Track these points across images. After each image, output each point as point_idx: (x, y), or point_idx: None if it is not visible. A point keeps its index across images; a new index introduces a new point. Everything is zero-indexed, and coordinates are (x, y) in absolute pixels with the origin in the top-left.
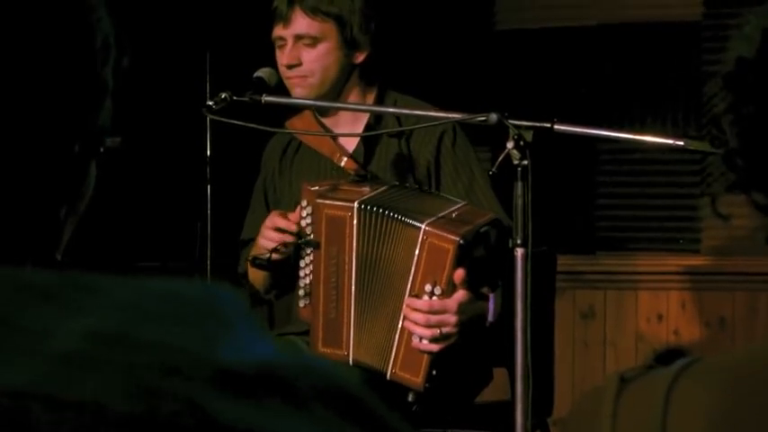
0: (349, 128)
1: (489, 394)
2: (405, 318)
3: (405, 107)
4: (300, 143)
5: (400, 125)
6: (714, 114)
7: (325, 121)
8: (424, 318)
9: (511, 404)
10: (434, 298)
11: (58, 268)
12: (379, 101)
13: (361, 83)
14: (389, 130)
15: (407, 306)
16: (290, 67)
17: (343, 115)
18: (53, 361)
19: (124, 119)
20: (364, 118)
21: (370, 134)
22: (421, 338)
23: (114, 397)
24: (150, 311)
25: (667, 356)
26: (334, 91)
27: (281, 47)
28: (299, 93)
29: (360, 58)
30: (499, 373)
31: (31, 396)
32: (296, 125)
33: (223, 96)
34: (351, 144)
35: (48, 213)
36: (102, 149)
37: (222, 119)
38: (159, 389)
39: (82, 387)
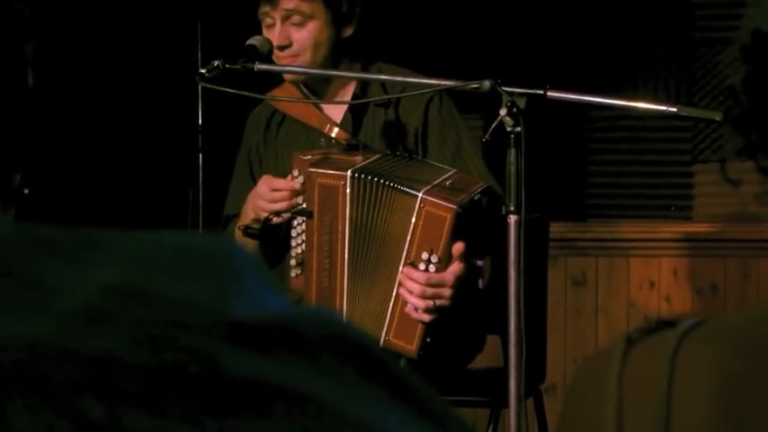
0: (336, 100)
1: (482, 361)
2: (400, 285)
3: (391, 75)
4: (284, 115)
5: (386, 94)
6: (730, 85)
7: (313, 94)
8: (420, 288)
9: (504, 371)
10: (431, 266)
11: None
12: (365, 71)
13: (349, 56)
14: (377, 99)
15: (404, 274)
16: (280, 48)
17: (331, 88)
18: (66, 315)
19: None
20: (351, 90)
21: (358, 102)
22: (415, 308)
23: (128, 350)
24: (163, 265)
25: (667, 322)
26: (325, 67)
27: (270, 26)
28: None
29: (348, 32)
30: (492, 341)
31: (45, 349)
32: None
33: (215, 64)
34: (338, 115)
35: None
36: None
37: (215, 87)
38: (172, 341)
39: (95, 340)
